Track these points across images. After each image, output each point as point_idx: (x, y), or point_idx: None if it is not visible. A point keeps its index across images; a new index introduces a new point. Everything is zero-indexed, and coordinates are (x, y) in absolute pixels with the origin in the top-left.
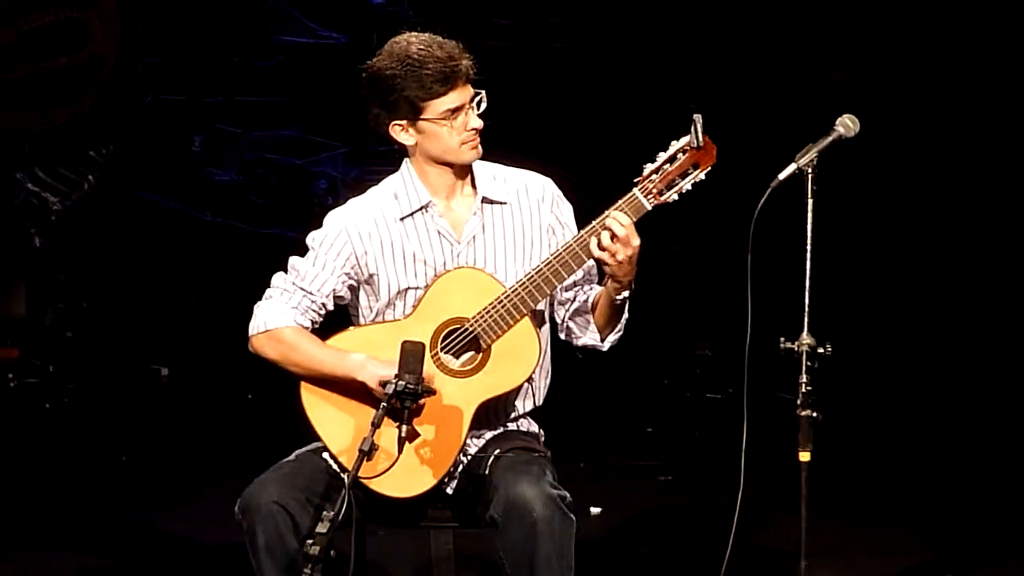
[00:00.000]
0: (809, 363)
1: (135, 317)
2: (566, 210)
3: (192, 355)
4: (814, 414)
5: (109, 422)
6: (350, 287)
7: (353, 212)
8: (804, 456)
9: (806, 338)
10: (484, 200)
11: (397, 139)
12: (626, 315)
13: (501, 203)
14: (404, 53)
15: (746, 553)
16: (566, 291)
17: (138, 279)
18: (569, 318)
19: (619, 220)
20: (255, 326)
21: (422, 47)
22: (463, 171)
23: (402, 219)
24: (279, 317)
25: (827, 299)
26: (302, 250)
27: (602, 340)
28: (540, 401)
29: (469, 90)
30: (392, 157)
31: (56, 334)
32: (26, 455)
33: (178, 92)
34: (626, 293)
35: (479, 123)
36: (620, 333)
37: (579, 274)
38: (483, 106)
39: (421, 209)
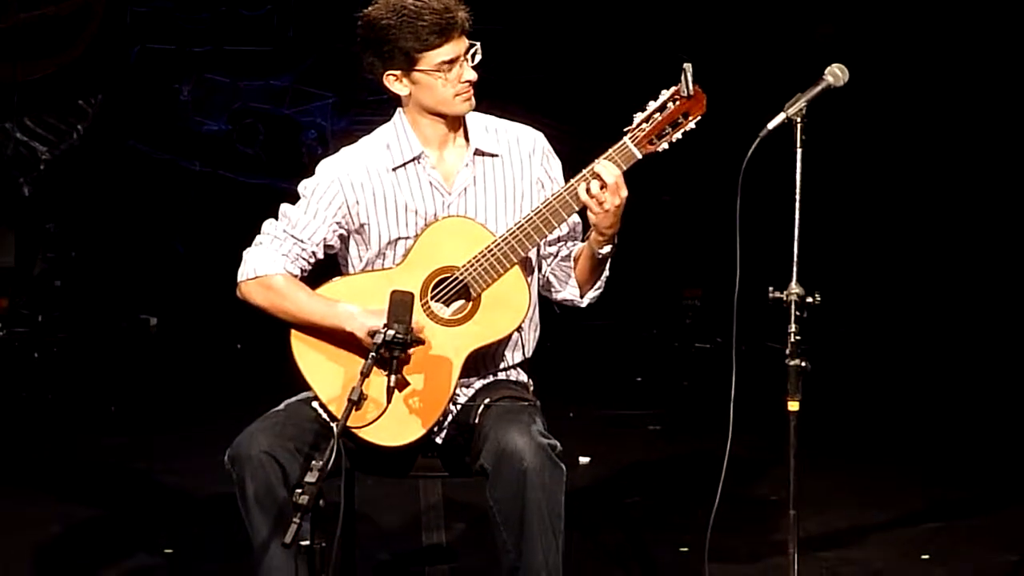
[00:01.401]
0: (798, 312)
1: (124, 267)
2: (555, 165)
3: (181, 305)
4: (803, 363)
5: (98, 372)
6: (340, 236)
7: (345, 161)
8: (793, 405)
9: (795, 287)
10: (477, 152)
11: (391, 89)
12: (607, 273)
13: (493, 155)
14: (400, 3)
15: (735, 502)
16: (550, 245)
17: (127, 229)
18: (550, 271)
19: (608, 168)
20: (244, 272)
21: None
22: (456, 122)
23: (394, 169)
24: (269, 264)
25: (816, 248)
26: (293, 198)
27: (582, 296)
28: (529, 353)
29: (464, 42)
30: (381, 107)
31: (45, 284)
32: (15, 405)
33: (167, 41)
34: (608, 248)
35: (473, 75)
36: (600, 291)
37: (564, 229)
38: (478, 58)
39: (413, 160)
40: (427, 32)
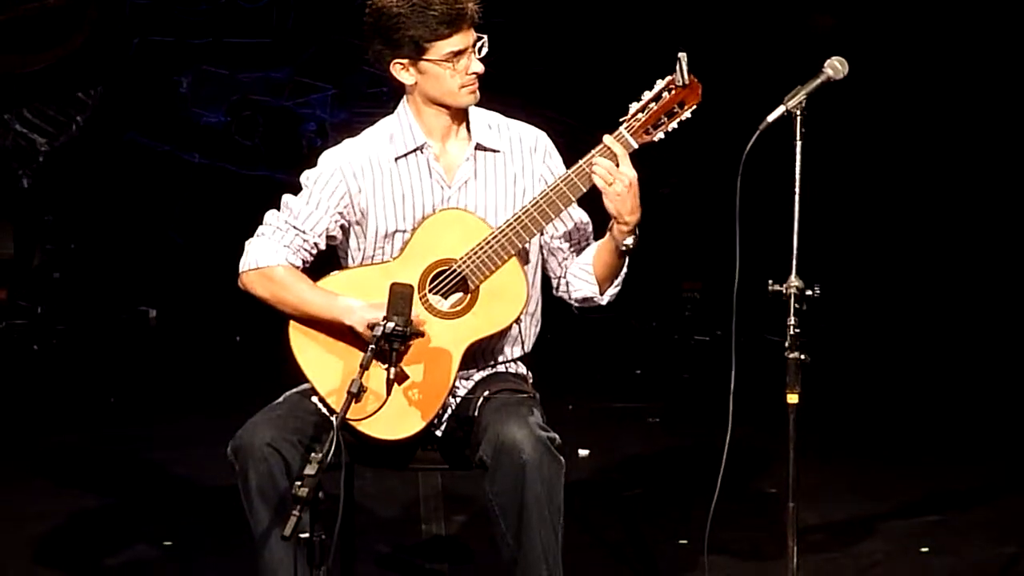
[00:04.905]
0: (797, 305)
1: (123, 259)
2: (558, 163)
3: (180, 297)
4: (802, 356)
5: (97, 364)
6: (342, 227)
7: (348, 151)
8: (792, 398)
9: (794, 280)
10: (478, 147)
11: (397, 77)
12: (625, 270)
13: (494, 151)
14: None
15: (734, 495)
16: (559, 240)
17: (126, 221)
18: (568, 270)
19: (605, 154)
20: (246, 263)
21: None
22: (459, 115)
23: (396, 160)
24: (271, 255)
25: (815, 241)
26: (292, 190)
27: (601, 293)
28: (528, 348)
29: (472, 34)
30: (381, 99)
31: (44, 275)
32: (14, 397)
33: (166, 33)
34: (631, 239)
35: (480, 68)
36: (619, 288)
37: (569, 224)
38: (484, 51)
39: (416, 150)
40: (437, 22)
